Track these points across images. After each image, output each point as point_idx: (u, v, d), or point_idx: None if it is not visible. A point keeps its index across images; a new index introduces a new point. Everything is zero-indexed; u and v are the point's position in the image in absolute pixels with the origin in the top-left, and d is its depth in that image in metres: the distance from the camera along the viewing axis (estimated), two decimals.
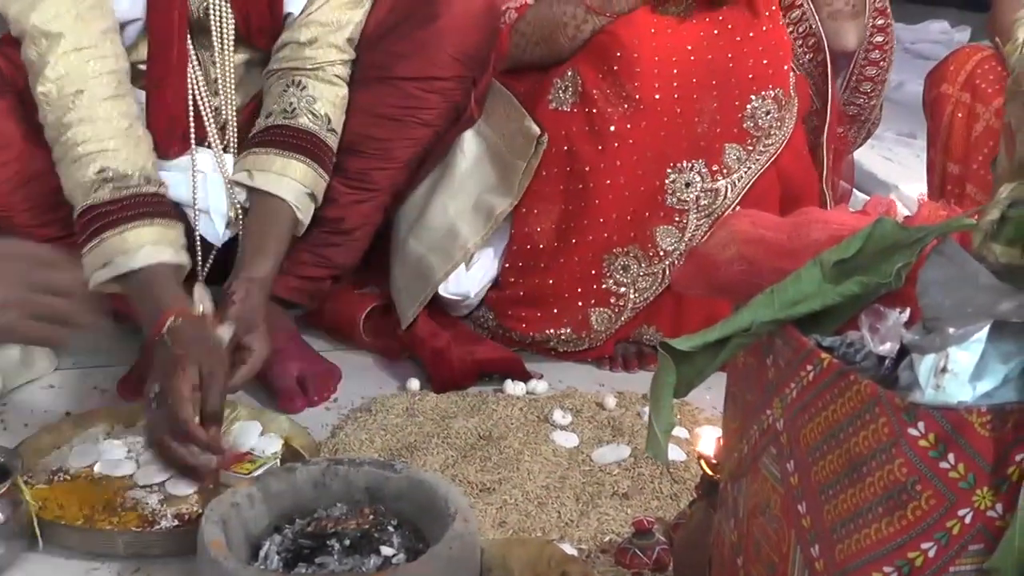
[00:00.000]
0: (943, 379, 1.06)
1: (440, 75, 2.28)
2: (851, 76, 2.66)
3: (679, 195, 2.36)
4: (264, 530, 1.72)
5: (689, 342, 1.19)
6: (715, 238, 1.31)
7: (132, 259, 1.99)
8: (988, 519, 1.08)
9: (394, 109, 2.29)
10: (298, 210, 2.18)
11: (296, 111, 2.20)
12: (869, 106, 2.71)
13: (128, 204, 2.01)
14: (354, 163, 2.29)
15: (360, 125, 2.28)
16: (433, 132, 2.34)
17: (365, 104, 2.28)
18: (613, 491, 1.97)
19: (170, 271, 2.01)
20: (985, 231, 1.15)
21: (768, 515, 1.25)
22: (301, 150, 2.18)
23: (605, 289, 2.39)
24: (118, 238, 1.99)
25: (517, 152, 2.38)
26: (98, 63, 2.06)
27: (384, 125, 2.29)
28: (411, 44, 2.27)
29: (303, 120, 2.20)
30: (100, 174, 2.01)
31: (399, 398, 2.25)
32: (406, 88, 2.28)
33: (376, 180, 2.32)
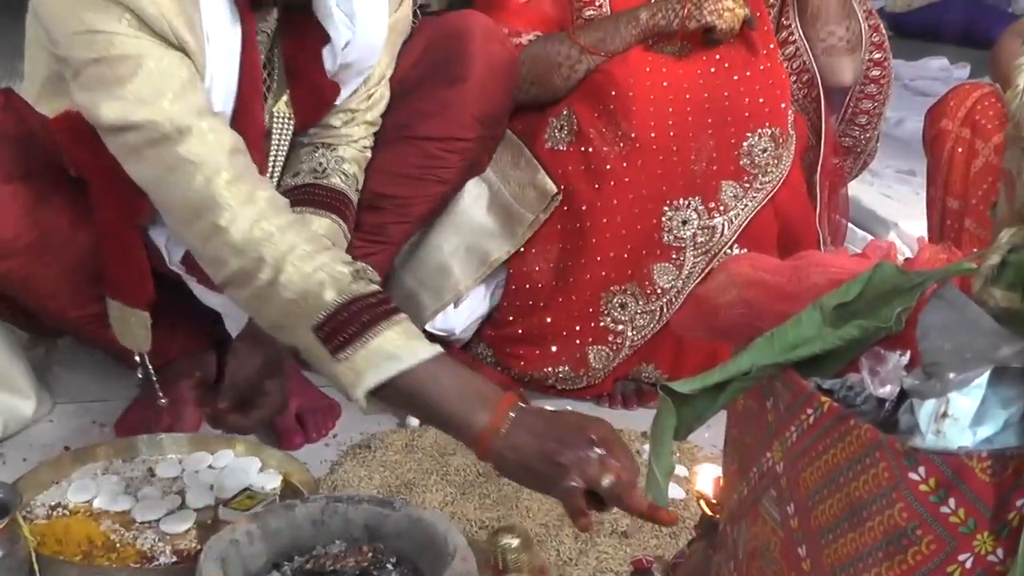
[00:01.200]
0: (943, 424, 1.06)
1: (462, 136, 2.29)
2: (847, 109, 2.67)
3: (676, 233, 2.36)
4: (262, 567, 1.71)
5: (689, 385, 1.19)
6: (714, 281, 1.31)
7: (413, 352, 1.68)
8: (989, 564, 1.08)
9: (415, 168, 2.29)
10: None
11: (327, 171, 2.18)
12: (864, 138, 2.72)
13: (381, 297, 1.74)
14: (370, 218, 2.28)
15: (380, 184, 2.27)
16: (450, 188, 2.36)
17: (386, 163, 2.27)
18: (612, 529, 1.96)
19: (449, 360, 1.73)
20: (985, 276, 1.15)
21: (768, 558, 1.25)
22: (333, 209, 2.16)
23: (603, 327, 2.39)
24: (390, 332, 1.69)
25: (527, 204, 2.39)
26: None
27: (404, 184, 2.29)
28: (434, 104, 2.27)
29: (335, 180, 2.17)
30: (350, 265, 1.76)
31: (398, 434, 2.24)
32: (427, 148, 2.28)
33: (391, 234, 2.32)
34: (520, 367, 2.43)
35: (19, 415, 2.20)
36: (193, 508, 1.96)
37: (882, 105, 2.70)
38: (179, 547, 1.87)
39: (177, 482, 2.03)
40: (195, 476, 2.05)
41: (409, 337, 1.70)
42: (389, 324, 1.69)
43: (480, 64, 2.26)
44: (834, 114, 2.66)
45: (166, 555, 1.85)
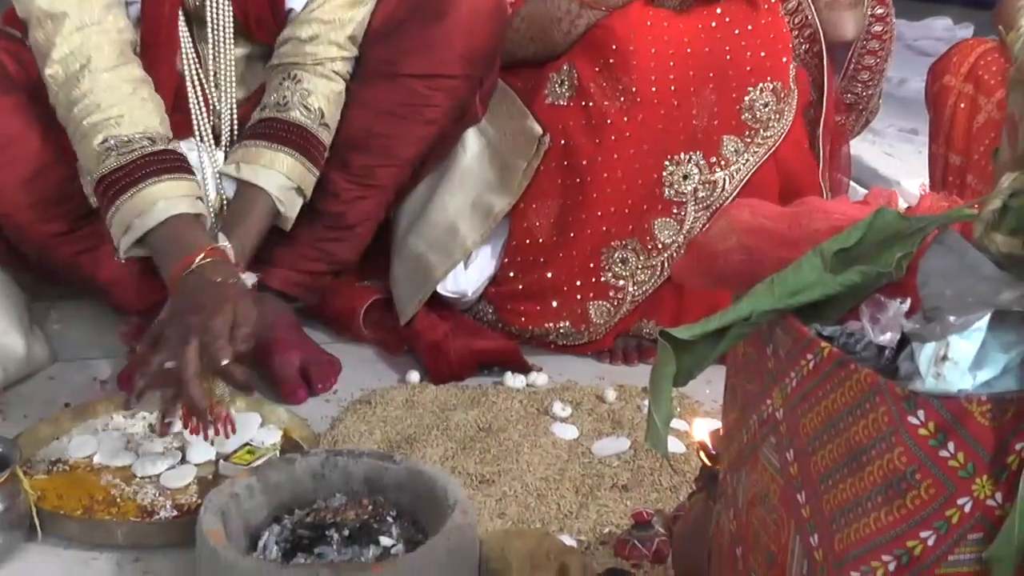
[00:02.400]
0: (943, 367, 1.05)
1: (447, 73, 2.28)
2: (849, 65, 2.66)
3: (677, 188, 2.35)
4: (263, 521, 1.72)
5: (689, 331, 1.19)
6: (715, 228, 1.30)
7: (148, 218, 1.98)
8: (988, 508, 1.08)
9: (399, 106, 2.28)
10: (280, 203, 2.18)
11: (289, 104, 2.19)
12: (867, 95, 2.71)
13: (135, 167, 2.00)
14: (356, 159, 2.29)
15: (363, 120, 2.28)
16: (437, 130, 2.33)
17: (369, 100, 2.28)
18: (612, 483, 1.97)
19: (190, 220, 2.00)
20: (987, 221, 1.14)
21: (767, 505, 1.25)
22: (290, 143, 2.18)
23: (604, 282, 2.39)
24: (130, 202, 1.99)
25: (518, 152, 2.38)
26: (100, 36, 2.06)
27: (388, 121, 2.29)
28: (418, 41, 2.26)
29: (295, 114, 2.19)
30: (103, 144, 2.01)
31: (399, 390, 2.24)
32: (412, 85, 2.28)
33: (379, 177, 2.31)
34: (521, 323, 2.42)
35: (16, 357, 2.20)
36: (193, 463, 1.96)
37: (884, 61, 2.69)
38: (179, 501, 1.87)
39: (177, 437, 2.03)
40: None
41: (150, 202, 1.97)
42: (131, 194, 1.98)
43: (465, 1, 2.25)
44: (836, 71, 2.64)
45: (166, 509, 1.85)
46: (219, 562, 1.57)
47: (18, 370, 2.22)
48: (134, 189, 1.99)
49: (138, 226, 1.98)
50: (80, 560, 1.75)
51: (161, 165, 2.01)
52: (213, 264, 1.93)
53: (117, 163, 2.00)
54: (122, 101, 2.04)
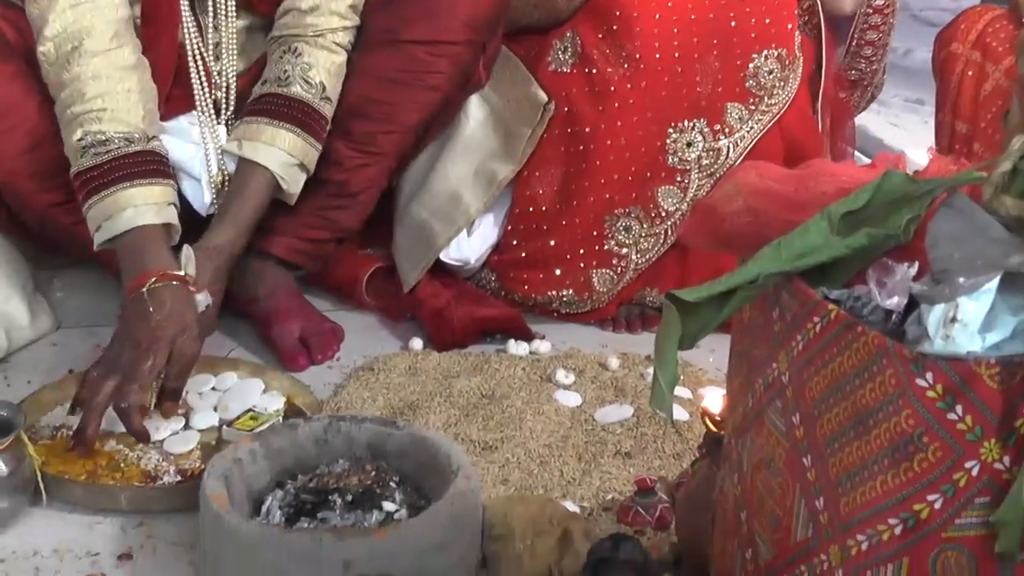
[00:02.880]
0: (952, 329, 1.05)
1: (450, 39, 2.27)
2: (852, 41, 2.65)
3: (680, 155, 2.34)
4: (266, 486, 1.72)
5: (695, 294, 1.18)
6: (721, 190, 1.29)
7: (115, 223, 1.99)
8: (995, 472, 1.07)
9: (401, 73, 2.27)
10: (282, 180, 2.17)
11: (290, 79, 2.18)
12: (871, 71, 2.69)
13: (109, 168, 2.00)
14: (359, 126, 2.28)
15: (366, 88, 2.26)
16: (440, 96, 2.32)
17: (371, 67, 2.27)
18: (616, 450, 1.96)
19: (154, 232, 2.00)
20: (996, 184, 1.14)
21: (772, 469, 1.24)
22: (291, 119, 2.16)
23: (607, 250, 2.38)
24: (100, 204, 2.00)
25: (522, 119, 2.37)
26: (95, 15, 2.05)
27: (390, 88, 2.27)
28: (420, 7, 2.25)
29: (296, 88, 2.18)
30: (80, 141, 2.02)
31: (402, 357, 2.24)
32: (414, 52, 2.26)
33: (381, 144, 2.30)
34: (524, 291, 2.42)
35: (20, 325, 2.20)
36: (197, 429, 1.96)
37: (887, 36, 2.68)
38: (183, 467, 1.87)
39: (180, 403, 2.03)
40: (199, 398, 2.05)
41: (119, 207, 1.98)
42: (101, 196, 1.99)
43: None
44: (839, 46, 2.63)
45: (170, 475, 1.85)
46: (222, 526, 1.56)
47: (22, 337, 2.22)
48: (105, 192, 1.99)
49: (106, 228, 2.00)
50: (84, 524, 1.75)
51: (135, 168, 2.01)
52: (163, 289, 1.92)
53: (92, 162, 2.01)
54: (107, 93, 2.03)
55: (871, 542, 1.12)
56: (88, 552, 1.69)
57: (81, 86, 2.02)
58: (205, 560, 1.62)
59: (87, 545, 1.70)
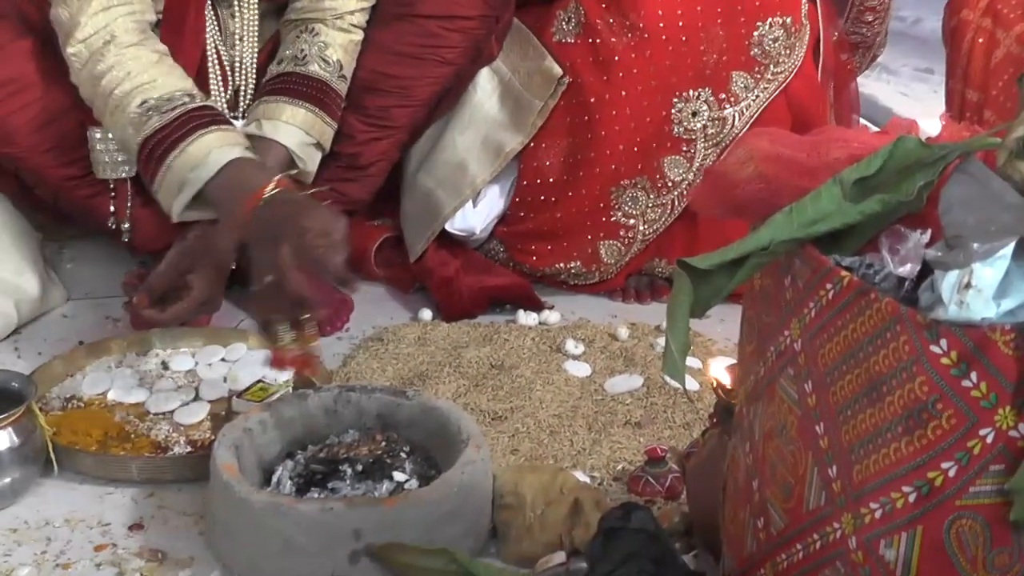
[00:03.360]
0: (966, 295, 1.04)
1: (463, 14, 2.27)
2: (852, 6, 2.63)
3: (686, 125, 2.33)
4: (276, 456, 1.72)
5: (706, 260, 1.18)
6: (733, 156, 1.28)
7: (204, 168, 1.94)
8: (1010, 439, 1.07)
9: (415, 47, 2.27)
10: (299, 159, 2.16)
11: (307, 58, 2.17)
12: (873, 34, 2.68)
13: (180, 123, 1.97)
14: (373, 101, 2.27)
15: (380, 63, 2.26)
16: (454, 70, 2.32)
17: (385, 42, 2.26)
18: (626, 420, 1.96)
19: (249, 163, 1.97)
20: (1010, 149, 1.13)
21: (784, 437, 1.24)
22: (309, 98, 2.16)
23: (614, 221, 2.37)
24: (181, 158, 1.95)
25: (534, 91, 2.36)
26: (125, 17, 2.04)
27: (404, 63, 2.27)
28: None
29: (313, 67, 2.17)
30: (143, 106, 1.98)
31: (411, 328, 2.24)
32: (428, 27, 2.26)
33: (395, 118, 2.30)
34: (532, 263, 2.41)
35: (31, 297, 2.20)
36: (207, 400, 1.96)
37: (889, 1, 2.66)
38: (193, 437, 1.87)
39: (190, 374, 2.03)
40: (208, 369, 2.05)
41: (203, 153, 1.93)
42: (181, 149, 1.94)
43: None
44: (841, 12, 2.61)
45: (180, 445, 1.85)
46: (233, 496, 1.57)
47: (32, 309, 2.22)
48: (184, 144, 1.95)
49: (195, 179, 1.94)
50: (95, 495, 1.75)
51: (207, 118, 1.99)
52: (285, 192, 1.88)
53: (161, 122, 1.97)
54: (151, 67, 2.02)
55: (884, 510, 1.12)
56: (99, 522, 1.69)
57: (124, 68, 2.01)
58: (215, 530, 1.62)
59: (98, 515, 1.70)
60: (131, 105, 1.99)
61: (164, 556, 1.61)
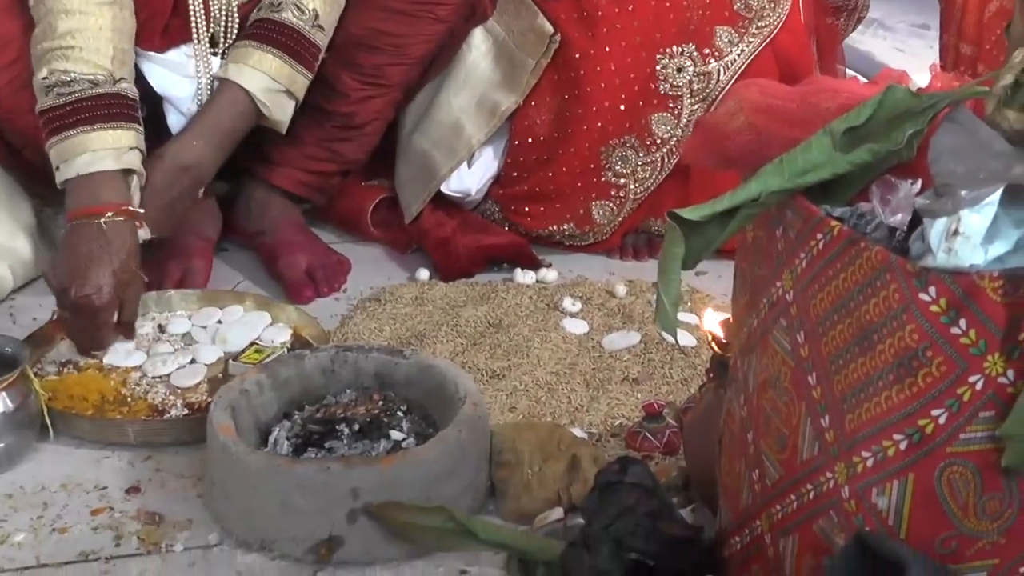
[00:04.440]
0: (955, 242, 1.04)
1: None
2: None
3: (672, 81, 2.34)
4: (273, 417, 1.73)
5: (698, 212, 1.18)
6: (723, 107, 1.28)
7: (71, 166, 1.97)
8: (999, 386, 1.07)
9: (408, 4, 2.27)
10: (263, 105, 2.14)
11: (282, 5, 2.16)
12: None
13: (71, 110, 1.98)
14: (368, 59, 2.27)
15: (374, 20, 2.26)
16: (447, 28, 2.32)
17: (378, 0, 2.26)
18: (623, 376, 1.96)
19: (110, 178, 1.98)
20: (999, 97, 1.12)
21: (778, 388, 1.24)
22: (279, 45, 2.14)
23: (605, 182, 2.37)
24: (60, 145, 1.98)
25: (527, 49, 2.36)
26: None
27: (398, 20, 2.27)
28: None
29: (287, 15, 2.15)
30: (45, 80, 1.99)
31: (408, 288, 2.24)
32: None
33: (389, 76, 2.30)
34: (527, 224, 2.41)
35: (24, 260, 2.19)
36: (204, 363, 1.96)
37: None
38: (190, 400, 1.87)
39: (187, 337, 2.03)
40: (204, 331, 2.05)
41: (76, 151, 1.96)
42: (63, 137, 1.97)
43: None
44: None
45: (177, 408, 1.85)
46: (230, 457, 1.57)
47: (26, 273, 2.21)
48: (66, 133, 1.97)
49: (64, 171, 1.97)
50: (92, 459, 1.75)
51: (97, 112, 1.99)
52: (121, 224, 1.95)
53: (55, 102, 1.98)
54: (77, 30, 2.00)
55: (876, 458, 1.12)
56: (96, 486, 1.69)
57: (53, 20, 2.00)
58: (213, 491, 1.63)
59: (95, 479, 1.71)
60: (41, 70, 2.00)
61: (161, 519, 1.62)
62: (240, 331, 2.04)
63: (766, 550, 1.30)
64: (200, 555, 1.56)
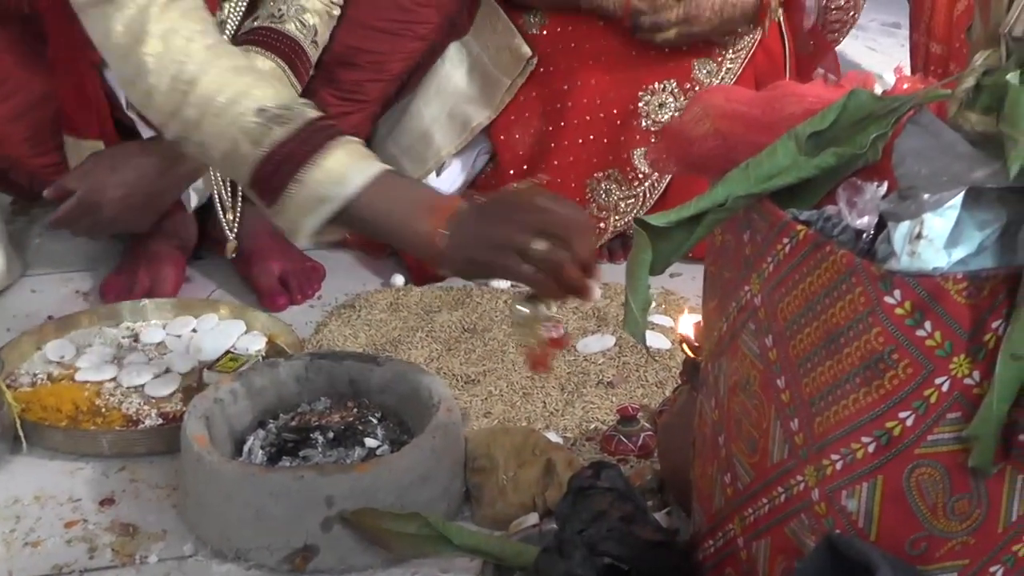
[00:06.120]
0: (918, 245, 1.05)
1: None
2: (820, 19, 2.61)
3: (654, 116, 2.36)
4: (248, 426, 1.73)
5: (664, 218, 1.18)
6: (689, 113, 1.29)
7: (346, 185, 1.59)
8: (966, 387, 1.08)
9: (389, 23, 2.27)
10: None
11: (284, 17, 2.15)
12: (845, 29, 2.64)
13: (307, 134, 1.62)
14: (347, 75, 2.27)
15: (354, 38, 2.25)
16: (427, 45, 2.33)
17: (360, 17, 2.25)
18: (598, 380, 1.97)
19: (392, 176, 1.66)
20: (960, 100, 1.13)
21: (748, 392, 1.25)
22: (281, 54, 2.14)
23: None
24: (319, 171, 1.60)
25: (503, 68, 2.38)
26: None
27: (379, 38, 2.27)
28: None
29: (290, 26, 2.15)
30: (262, 114, 1.62)
31: (383, 294, 2.24)
32: (402, 2, 2.26)
33: (368, 92, 2.30)
34: None
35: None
36: (178, 372, 1.96)
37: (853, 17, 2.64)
38: (164, 410, 1.87)
39: (161, 347, 2.03)
40: (179, 340, 2.05)
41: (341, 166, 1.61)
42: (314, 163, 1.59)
43: None
44: None
45: (152, 418, 1.85)
46: (204, 467, 1.57)
47: None
48: (315, 157, 1.60)
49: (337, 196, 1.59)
50: (65, 471, 1.74)
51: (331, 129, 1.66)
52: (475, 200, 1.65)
53: (286, 135, 1.61)
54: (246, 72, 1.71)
55: (845, 461, 1.13)
56: (70, 498, 1.69)
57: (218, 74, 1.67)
58: (187, 502, 1.63)
59: (69, 491, 1.70)
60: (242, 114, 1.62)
61: (136, 530, 1.62)
62: (215, 340, 2.04)
63: (739, 553, 1.30)
64: (175, 566, 1.56)
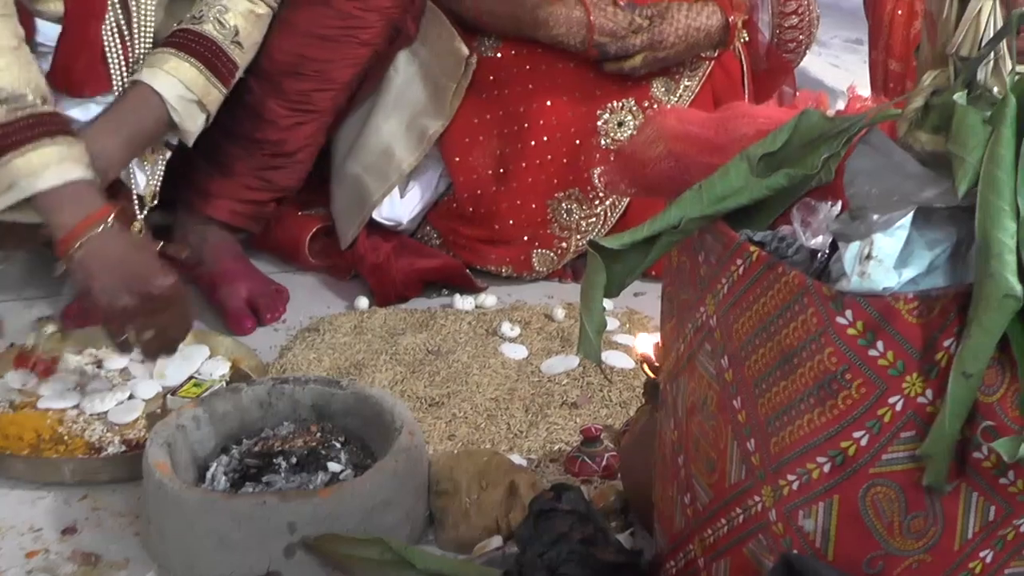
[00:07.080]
0: (868, 266, 1.05)
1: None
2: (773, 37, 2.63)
3: (613, 135, 2.37)
4: (211, 452, 1.72)
5: (618, 241, 1.19)
6: (642, 135, 1.29)
7: (39, 180, 1.82)
8: (919, 406, 1.08)
9: (332, 29, 2.26)
10: (174, 111, 2.08)
11: (204, 18, 2.13)
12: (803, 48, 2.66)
13: (27, 124, 1.84)
14: (293, 85, 2.26)
15: (298, 46, 2.25)
16: (372, 51, 2.32)
17: (302, 24, 2.25)
18: (562, 401, 1.97)
19: (84, 187, 1.85)
20: (910, 119, 1.14)
21: (705, 412, 1.25)
22: (197, 55, 2.10)
23: (550, 233, 2.39)
24: (22, 160, 1.82)
25: (448, 72, 2.39)
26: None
27: (322, 45, 2.26)
28: None
29: (207, 27, 2.12)
30: None
31: (347, 317, 2.24)
32: (344, 8, 2.25)
33: (316, 102, 2.29)
34: (466, 256, 2.41)
35: None
36: (141, 398, 1.95)
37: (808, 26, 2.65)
38: (128, 437, 1.86)
39: (124, 373, 2.02)
40: (142, 366, 2.03)
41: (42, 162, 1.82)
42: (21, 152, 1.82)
43: None
44: None
45: (115, 445, 1.84)
46: (166, 494, 1.57)
47: None
48: (27, 147, 1.82)
49: (26, 187, 1.82)
50: (26, 500, 1.73)
51: (54, 127, 1.86)
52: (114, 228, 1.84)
53: (7, 117, 1.83)
54: (7, 53, 1.88)
55: (801, 481, 1.13)
56: (31, 528, 1.68)
57: None
58: (150, 529, 1.62)
59: (30, 521, 1.69)
60: None
61: (98, 559, 1.61)
62: (178, 365, 2.03)
63: (700, 574, 1.31)
64: None
